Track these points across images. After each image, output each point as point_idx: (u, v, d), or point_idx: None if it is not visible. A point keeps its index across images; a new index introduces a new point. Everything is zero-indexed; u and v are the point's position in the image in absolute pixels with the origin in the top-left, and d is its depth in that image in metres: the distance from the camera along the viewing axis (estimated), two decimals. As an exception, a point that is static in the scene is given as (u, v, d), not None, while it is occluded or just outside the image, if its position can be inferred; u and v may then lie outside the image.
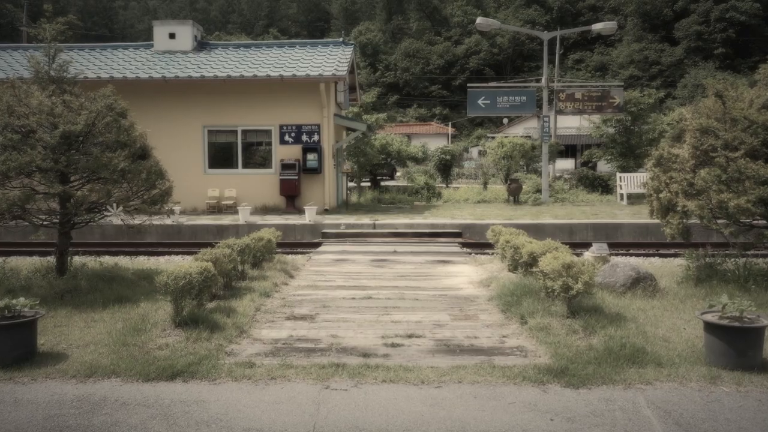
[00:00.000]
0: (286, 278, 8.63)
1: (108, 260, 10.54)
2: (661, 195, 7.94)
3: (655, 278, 7.77)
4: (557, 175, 37.74)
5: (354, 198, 24.19)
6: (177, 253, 12.50)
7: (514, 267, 8.30)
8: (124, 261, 11.61)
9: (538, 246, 7.21)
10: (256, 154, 17.73)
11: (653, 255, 12.23)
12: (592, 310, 6.18)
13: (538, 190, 22.86)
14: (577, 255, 9.28)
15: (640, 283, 7.63)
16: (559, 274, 5.92)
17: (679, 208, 7.71)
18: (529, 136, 41.95)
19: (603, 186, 26.23)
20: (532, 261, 7.35)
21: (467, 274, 9.25)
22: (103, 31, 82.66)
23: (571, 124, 52.07)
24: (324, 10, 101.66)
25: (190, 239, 14.65)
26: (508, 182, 19.36)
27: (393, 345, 5.59)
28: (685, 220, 7.76)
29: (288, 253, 12.30)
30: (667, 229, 7.97)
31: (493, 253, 11.86)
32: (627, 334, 5.59)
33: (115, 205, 7.95)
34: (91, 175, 8.00)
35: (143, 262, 11.48)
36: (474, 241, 13.90)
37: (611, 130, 24.55)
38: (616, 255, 11.83)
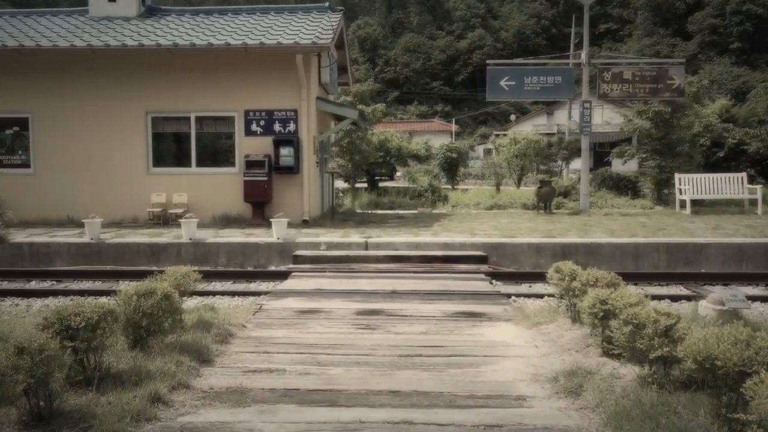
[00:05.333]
0: (191, 368, 4.64)
1: None
2: None
3: None
4: (571, 175, 33.84)
5: (347, 201, 20.29)
6: (70, 293, 8.50)
7: (630, 355, 4.29)
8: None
9: (724, 338, 3.19)
10: (214, 148, 13.74)
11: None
12: None
13: (560, 194, 18.99)
14: (680, 301, 5.26)
15: None
16: None
17: None
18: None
19: (630, 188, 22.49)
20: (709, 369, 3.36)
21: (521, 352, 5.27)
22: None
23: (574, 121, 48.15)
24: (321, 4, 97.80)
25: (115, 263, 10.69)
26: (538, 185, 15.42)
27: None
28: None
29: (233, 294, 8.33)
30: None
31: (546, 297, 7.91)
32: None
33: None
34: None
35: None
36: (507, 270, 9.93)
37: (647, 124, 20.63)
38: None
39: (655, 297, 7.95)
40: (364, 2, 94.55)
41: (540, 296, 8.01)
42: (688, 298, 7.91)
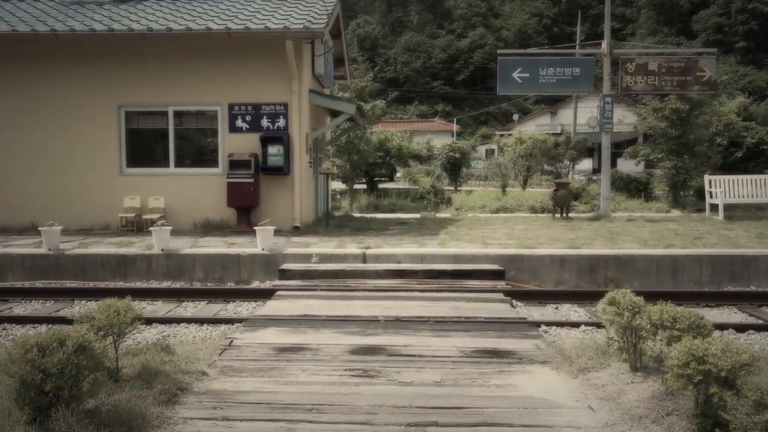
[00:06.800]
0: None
1: None
2: None
3: None
4: (576, 176, 32.48)
5: (345, 203, 18.94)
6: (4, 321, 7.10)
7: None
8: None
9: None
10: (195, 146, 12.36)
11: None
12: None
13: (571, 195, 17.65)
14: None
15: None
16: None
17: None
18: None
19: (642, 189, 21.21)
20: None
21: (573, 418, 3.87)
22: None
23: (586, 120, 46.93)
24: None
25: (75, 277, 9.31)
26: (555, 188, 14.03)
27: None
28: None
29: (202, 322, 6.91)
30: None
31: (583, 326, 6.53)
32: None
33: None
34: None
35: None
36: (529, 289, 8.54)
37: (663, 123, 19.30)
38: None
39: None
40: (363, 1, 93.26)
41: (575, 325, 6.61)
42: (757, 328, 6.51)
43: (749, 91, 54.55)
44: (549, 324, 6.59)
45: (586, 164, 43.92)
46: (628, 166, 28.07)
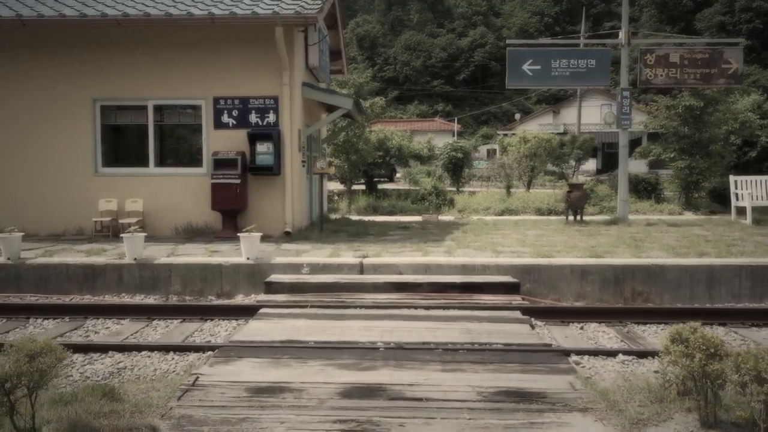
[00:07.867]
0: None
1: None
2: None
3: None
4: (580, 177, 31.54)
5: (343, 205, 17.94)
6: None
7: None
8: None
9: None
10: (177, 143, 11.33)
11: None
12: None
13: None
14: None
15: None
16: None
17: None
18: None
19: (651, 191, 20.28)
20: None
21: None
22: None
23: (589, 120, 45.99)
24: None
25: (38, 290, 8.30)
26: (568, 189, 12.99)
27: None
28: None
29: (167, 349, 5.84)
30: None
31: (620, 355, 5.51)
32: None
33: None
34: None
35: None
36: (548, 306, 7.51)
37: (675, 122, 18.39)
38: None
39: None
40: (362, 0, 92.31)
41: (611, 354, 5.55)
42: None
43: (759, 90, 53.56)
44: (580, 353, 5.54)
45: (590, 164, 42.93)
46: (633, 166, 27.14)
